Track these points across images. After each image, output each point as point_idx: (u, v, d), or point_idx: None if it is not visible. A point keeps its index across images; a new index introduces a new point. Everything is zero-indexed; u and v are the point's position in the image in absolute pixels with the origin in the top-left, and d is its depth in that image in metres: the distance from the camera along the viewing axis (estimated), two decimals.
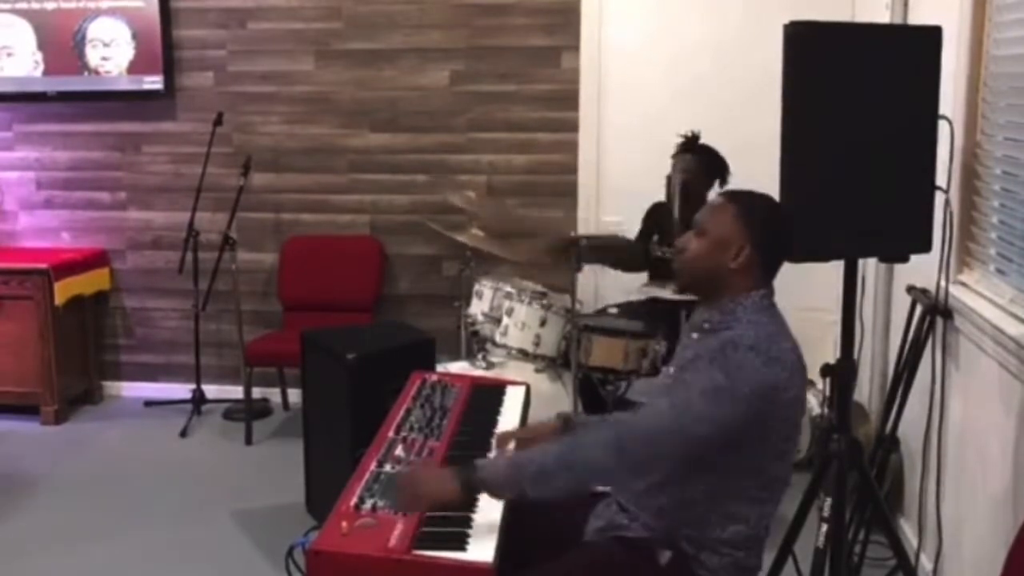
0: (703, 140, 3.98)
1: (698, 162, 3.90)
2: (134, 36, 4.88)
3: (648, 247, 3.91)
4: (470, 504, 2.08)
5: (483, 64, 4.74)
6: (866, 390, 4.05)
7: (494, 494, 2.06)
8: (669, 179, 3.95)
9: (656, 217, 4.14)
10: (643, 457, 1.99)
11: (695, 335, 2.16)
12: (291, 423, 4.79)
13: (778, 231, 2.16)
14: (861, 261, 2.53)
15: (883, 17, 3.87)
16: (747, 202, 2.15)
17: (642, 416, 2.06)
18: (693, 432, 1.97)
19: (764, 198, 2.19)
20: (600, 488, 2.32)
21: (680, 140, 3.96)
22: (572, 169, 4.75)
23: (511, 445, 2.47)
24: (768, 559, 2.61)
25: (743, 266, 2.10)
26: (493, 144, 4.80)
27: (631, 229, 4.30)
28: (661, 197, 4.10)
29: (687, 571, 2.08)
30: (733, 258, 2.10)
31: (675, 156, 3.95)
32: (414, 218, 4.86)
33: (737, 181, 3.94)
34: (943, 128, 2.46)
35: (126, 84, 4.93)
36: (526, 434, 2.50)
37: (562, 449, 2.02)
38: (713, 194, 3.94)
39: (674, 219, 3.96)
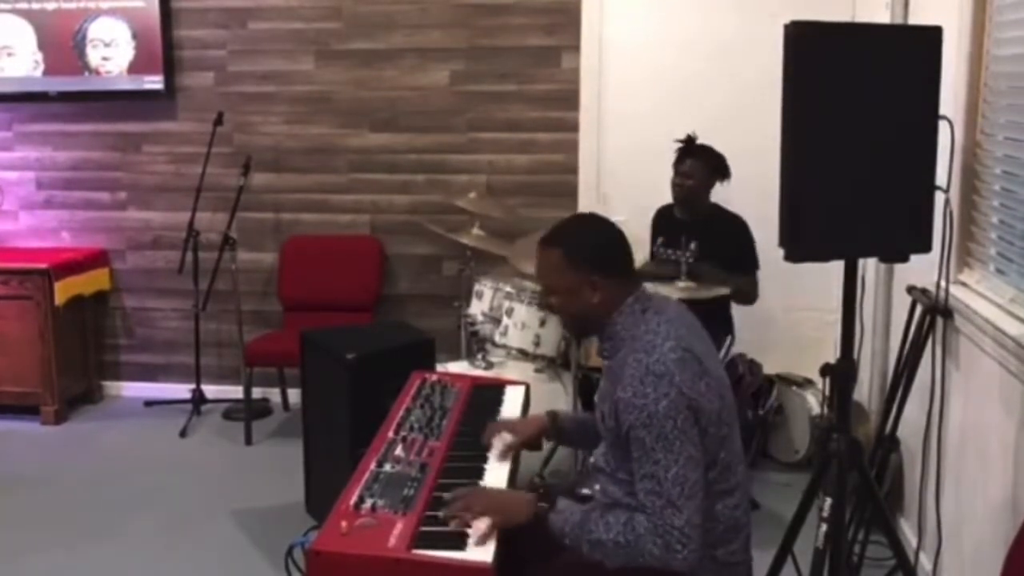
0: (699, 140, 3.97)
1: (702, 165, 3.89)
2: (134, 36, 4.88)
3: (654, 251, 3.90)
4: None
5: (483, 64, 4.74)
6: (866, 390, 4.05)
7: (556, 538, 2.09)
8: (675, 186, 3.94)
9: (659, 220, 4.14)
10: (693, 542, 1.98)
11: (604, 363, 2.25)
12: (291, 423, 4.78)
13: (605, 245, 2.22)
14: (861, 261, 2.52)
15: (883, 17, 3.87)
16: (565, 240, 2.21)
17: (668, 515, 1.99)
18: (696, 495, 1.99)
19: (575, 223, 2.29)
20: (586, 491, 2.33)
21: (678, 146, 3.95)
22: (572, 169, 4.74)
23: (498, 442, 2.47)
24: (768, 559, 2.61)
25: (604, 295, 2.17)
26: (493, 144, 4.80)
27: (631, 229, 4.27)
28: (661, 197, 4.10)
29: (672, 572, 2.08)
30: (591, 295, 2.17)
31: (677, 163, 3.94)
32: (414, 218, 4.86)
33: (737, 181, 3.94)
34: (943, 128, 2.46)
35: (126, 84, 4.93)
36: (512, 429, 2.51)
37: (622, 529, 2.01)
38: (715, 194, 3.97)
39: (677, 223, 3.96)
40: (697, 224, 3.87)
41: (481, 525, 2.04)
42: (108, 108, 5.01)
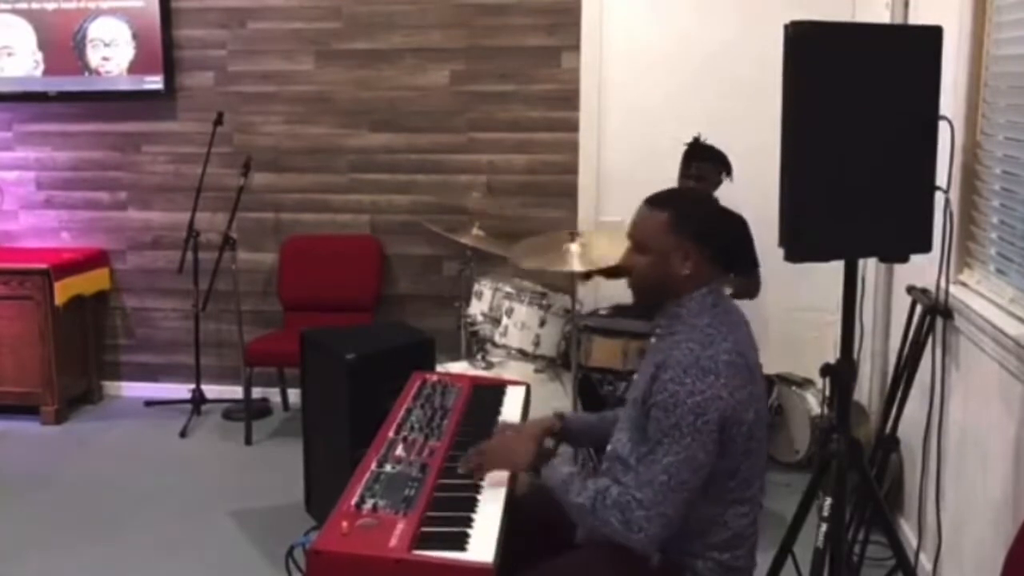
0: (701, 139, 3.96)
1: (711, 167, 3.88)
2: (134, 36, 4.88)
3: None
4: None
5: (483, 64, 4.74)
6: (866, 390, 4.05)
7: (546, 490, 2.20)
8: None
9: None
10: (654, 528, 2.00)
11: (653, 340, 2.23)
12: (291, 423, 4.78)
13: (712, 221, 2.20)
14: (861, 261, 2.52)
15: (883, 17, 3.88)
16: (676, 205, 2.17)
17: (641, 493, 2.02)
18: (681, 492, 2.00)
19: (688, 194, 2.23)
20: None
21: (680, 146, 3.94)
22: (572, 169, 4.74)
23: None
24: (768, 559, 2.61)
25: (694, 269, 2.13)
26: (493, 144, 4.80)
27: None
28: None
29: (676, 574, 2.10)
30: (682, 264, 2.13)
31: (684, 165, 3.92)
32: (414, 218, 4.86)
33: (737, 181, 3.94)
34: (943, 128, 2.46)
35: (126, 84, 4.93)
36: (518, 428, 2.50)
37: (593, 496, 2.07)
38: (719, 192, 3.96)
39: None
40: None
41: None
42: (108, 108, 5.01)
